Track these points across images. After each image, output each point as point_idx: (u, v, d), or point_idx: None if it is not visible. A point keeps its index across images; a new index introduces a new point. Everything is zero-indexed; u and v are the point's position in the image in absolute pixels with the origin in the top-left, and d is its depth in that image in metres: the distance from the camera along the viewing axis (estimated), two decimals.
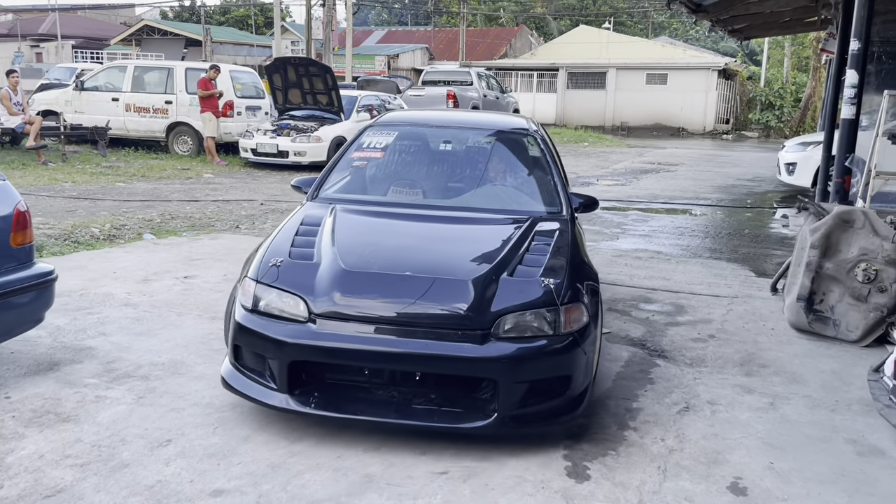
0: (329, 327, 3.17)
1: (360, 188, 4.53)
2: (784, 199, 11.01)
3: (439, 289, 3.28)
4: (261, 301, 3.30)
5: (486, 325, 3.15)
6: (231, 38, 41.26)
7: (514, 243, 3.67)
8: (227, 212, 8.78)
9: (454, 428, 3.11)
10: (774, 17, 14.48)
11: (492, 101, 18.94)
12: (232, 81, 13.93)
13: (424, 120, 5.33)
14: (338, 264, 3.37)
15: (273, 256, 3.49)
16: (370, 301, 3.26)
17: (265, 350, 3.25)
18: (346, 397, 3.24)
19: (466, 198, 4.41)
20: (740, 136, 30.07)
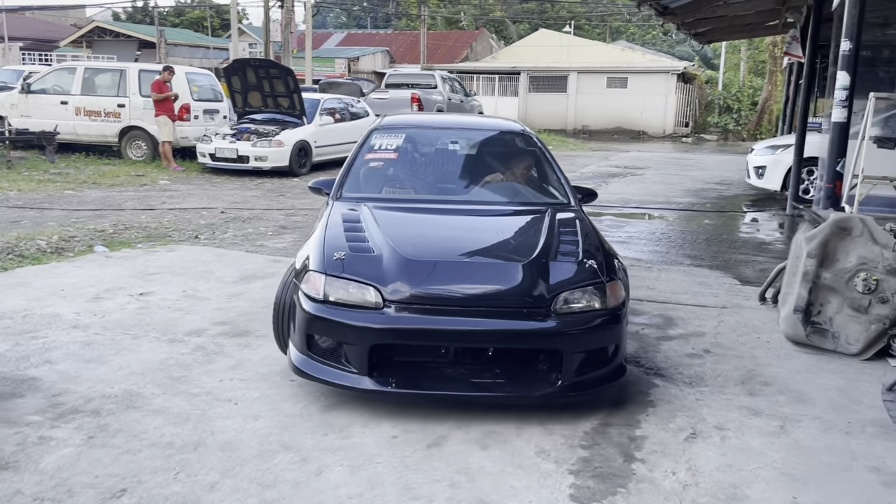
0: (405, 312, 3.43)
1: (383, 187, 4.79)
2: (754, 202, 10.94)
3: (499, 272, 3.70)
4: (332, 292, 3.50)
5: (546, 302, 3.49)
6: (186, 39, 40.28)
7: (546, 230, 4.03)
8: (185, 221, 8.31)
9: (526, 396, 3.47)
10: (738, 21, 14.51)
11: (456, 105, 18.67)
12: (188, 84, 13.39)
13: (426, 122, 5.76)
14: (400, 255, 3.63)
15: (334, 251, 3.67)
16: (438, 286, 3.54)
17: (344, 337, 3.47)
18: (421, 376, 3.54)
19: (482, 192, 4.78)
20: (699, 139, 30.33)
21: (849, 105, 4.84)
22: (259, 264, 6.36)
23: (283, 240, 7.53)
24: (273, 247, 7.18)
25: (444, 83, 18.57)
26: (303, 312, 3.55)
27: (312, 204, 9.67)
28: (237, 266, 6.28)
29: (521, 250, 3.87)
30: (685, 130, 31.67)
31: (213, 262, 6.40)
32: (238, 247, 7.15)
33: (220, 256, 6.62)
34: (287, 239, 7.56)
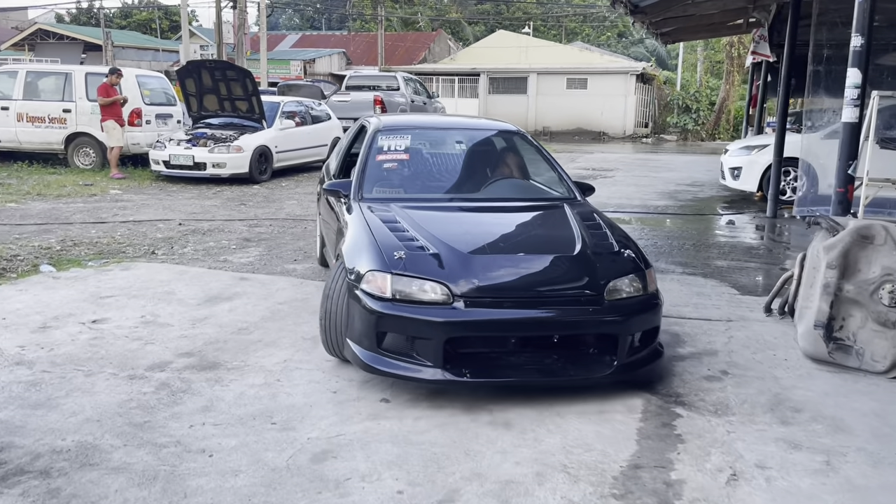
0: (475, 306, 3.59)
1: (404, 187, 4.90)
2: (731, 204, 10.75)
3: (553, 264, 3.97)
4: (400, 290, 3.61)
5: (599, 290, 3.75)
6: (134, 42, 39.02)
7: (575, 224, 4.29)
8: (139, 235, 7.71)
9: (587, 378, 3.73)
10: (704, 20, 14.39)
11: (419, 107, 18.25)
12: (139, 87, 12.69)
13: (426, 123, 5.99)
14: (458, 251, 3.83)
15: (390, 250, 3.78)
16: (501, 279, 3.75)
17: (418, 332, 3.57)
18: (489, 366, 3.68)
19: (496, 189, 5.01)
20: (659, 140, 30.45)
21: (860, 104, 4.57)
22: (224, 283, 5.84)
23: (248, 254, 7.00)
24: (238, 262, 6.65)
25: (407, 85, 18.12)
26: (369, 312, 3.62)
27: (276, 214, 9.15)
28: (200, 285, 5.75)
29: (562, 243, 4.11)
30: (645, 131, 31.78)
31: (173, 281, 5.86)
32: (200, 263, 6.60)
33: (180, 275, 6.08)
34: (252, 253, 7.03)
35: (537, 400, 3.66)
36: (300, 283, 5.86)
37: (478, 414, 3.50)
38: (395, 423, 3.39)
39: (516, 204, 4.88)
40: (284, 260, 6.79)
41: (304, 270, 6.38)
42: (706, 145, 28.44)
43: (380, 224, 4.15)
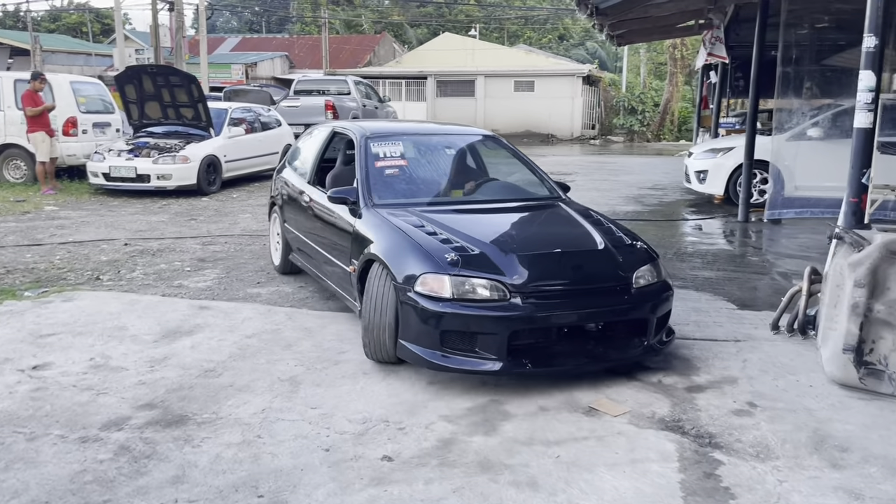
0: (531, 300, 3.84)
1: (410, 192, 5.03)
2: (698, 208, 10.57)
3: (588, 259, 4.25)
4: (460, 290, 3.81)
5: (629, 280, 4.12)
6: (64, 46, 37.31)
7: (585, 221, 4.69)
8: (81, 258, 7.02)
9: (623, 359, 4.13)
10: (661, 22, 14.29)
11: (371, 111, 17.71)
12: (74, 94, 11.86)
13: (407, 130, 5.99)
14: (501, 250, 4.07)
15: (439, 252, 3.98)
16: (549, 274, 4.04)
17: (481, 328, 3.78)
18: (543, 355, 3.94)
19: (495, 191, 5.32)
20: (607, 141, 30.55)
21: (875, 108, 4.30)
22: (182, 313, 5.25)
23: (205, 276, 6.40)
24: (195, 287, 6.05)
25: (358, 89, 17.56)
26: (429, 312, 3.80)
27: (231, 229, 8.54)
28: (155, 317, 5.15)
29: (585, 239, 4.43)
30: (592, 133, 31.86)
31: (123, 313, 5.24)
32: (152, 289, 5.99)
33: (131, 305, 5.46)
34: (209, 275, 6.43)
35: (556, 447, 3.24)
36: (267, 311, 5.32)
37: (497, 472, 3.06)
38: (404, 489, 2.91)
39: (518, 204, 5.14)
40: (246, 283, 6.22)
41: (269, 295, 5.83)
42: (652, 146, 28.67)
43: (412, 228, 4.30)
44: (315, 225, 5.45)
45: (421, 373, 4.13)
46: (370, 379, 4.07)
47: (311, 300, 5.71)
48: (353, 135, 5.38)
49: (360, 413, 3.63)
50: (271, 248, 6.73)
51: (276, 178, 6.65)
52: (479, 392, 3.90)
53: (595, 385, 3.98)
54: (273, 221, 6.64)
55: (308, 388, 3.93)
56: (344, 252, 4.79)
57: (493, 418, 3.58)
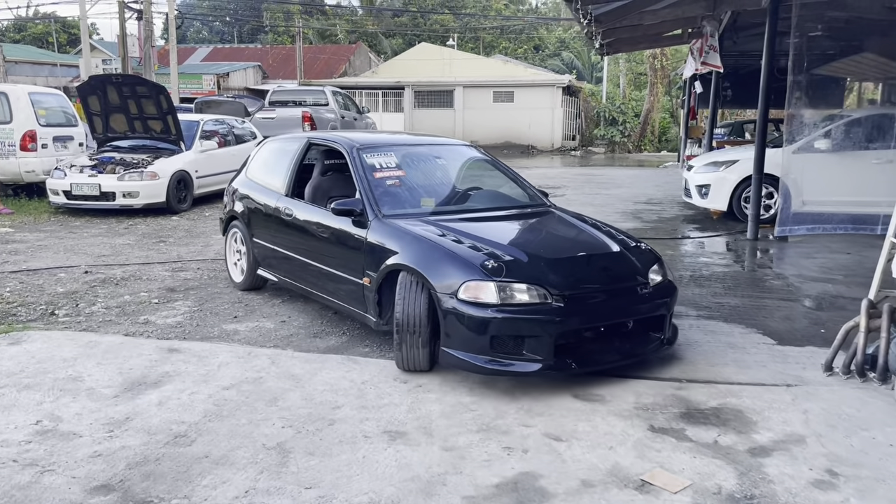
0: (572, 303, 4.00)
1: (415, 203, 5.00)
2: (701, 223, 10.05)
3: (612, 262, 4.45)
4: (506, 295, 3.91)
5: (646, 279, 4.39)
6: (28, 56, 36.24)
7: (587, 226, 4.93)
8: (35, 289, 6.27)
9: (646, 353, 4.37)
10: (651, 30, 13.87)
11: (349, 123, 17.04)
12: (32, 106, 11.03)
13: (395, 141, 5.89)
14: (534, 256, 4.24)
15: (478, 260, 4.06)
16: (584, 278, 4.25)
17: (530, 331, 3.92)
18: (581, 354, 4.12)
19: (487, 199, 5.38)
20: (588, 153, 30.18)
21: None
22: (148, 358, 4.55)
23: (175, 310, 5.69)
24: (163, 323, 5.35)
25: (336, 99, 16.89)
26: (477, 319, 3.88)
27: (204, 252, 7.82)
28: (117, 364, 4.44)
29: (599, 243, 4.63)
30: (573, 144, 31.49)
31: (80, 358, 4.52)
32: (114, 327, 5.27)
33: (89, 348, 4.74)
34: (180, 309, 5.73)
35: None
36: (247, 355, 4.63)
37: None
38: None
39: (517, 211, 5.26)
40: (221, 317, 5.52)
41: (248, 332, 5.15)
42: (634, 157, 28.35)
43: (436, 237, 4.37)
44: (303, 239, 5.34)
45: (433, 433, 3.49)
46: (373, 445, 3.41)
47: (297, 338, 5.04)
48: (342, 147, 5.32)
49: (366, 494, 2.97)
50: (229, 265, 6.46)
51: (233, 192, 6.38)
52: (505, 461, 3.26)
53: (639, 449, 3.37)
54: (230, 238, 6.40)
55: (300, 459, 3.26)
56: (351, 264, 4.76)
57: (528, 499, 2.95)
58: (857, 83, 16.93)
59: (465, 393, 4.02)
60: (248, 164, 6.45)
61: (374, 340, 4.99)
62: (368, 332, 5.14)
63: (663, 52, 28.85)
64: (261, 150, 6.44)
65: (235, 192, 6.32)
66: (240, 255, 6.25)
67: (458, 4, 52.90)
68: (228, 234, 6.42)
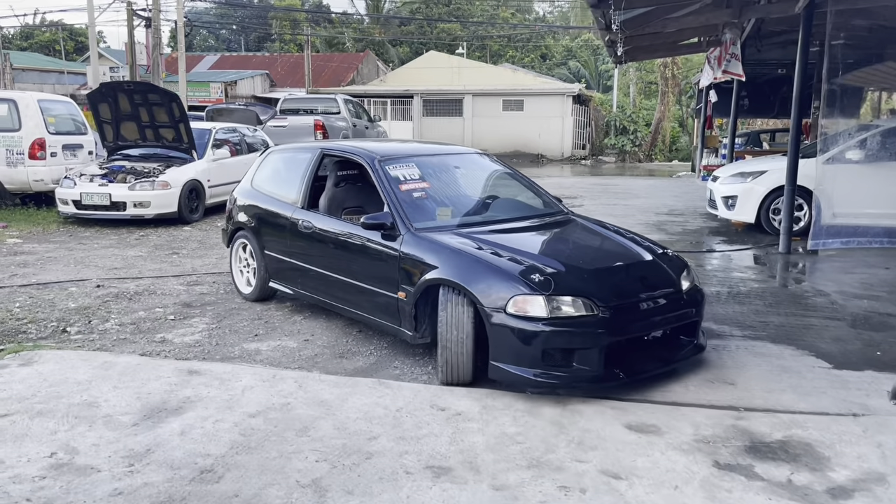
0: (617, 313, 4.03)
1: (444, 215, 4.92)
2: (726, 236, 9.76)
3: (647, 270, 4.54)
4: (556, 309, 3.92)
5: (679, 287, 4.47)
6: (36, 64, 36.23)
7: (609, 232, 4.99)
8: (45, 304, 6.01)
9: (684, 358, 4.45)
10: (671, 38, 13.64)
11: (361, 132, 16.81)
12: (42, 113, 10.82)
13: (413, 151, 5.71)
14: (575, 268, 4.30)
15: (527, 273, 4.08)
16: (626, 288, 4.26)
17: (581, 343, 3.93)
18: (626, 362, 4.12)
19: (510, 208, 5.34)
20: (598, 162, 29.94)
21: None
22: (167, 381, 4.28)
23: (192, 328, 5.43)
24: (181, 342, 5.08)
25: (347, 108, 16.66)
26: (528, 333, 3.87)
27: (219, 265, 7.56)
28: (134, 387, 4.17)
29: (632, 252, 4.65)
30: (583, 153, 31.26)
31: (95, 381, 4.26)
32: (129, 345, 5.01)
33: (104, 369, 4.47)
34: (197, 326, 5.46)
35: None
36: (272, 378, 4.36)
37: None
38: None
39: (542, 221, 5.17)
40: (242, 335, 5.26)
41: (271, 352, 4.88)
42: (645, 166, 28.09)
43: (474, 250, 4.35)
44: (326, 252, 5.27)
45: (480, 469, 3.22)
46: (416, 482, 3.13)
47: (322, 359, 4.77)
48: (363, 159, 5.25)
49: None
50: (235, 277, 6.35)
51: (238, 202, 6.28)
52: (563, 503, 2.98)
53: (708, 489, 3.09)
54: (236, 249, 6.28)
55: (338, 499, 2.99)
56: (383, 278, 4.69)
57: None
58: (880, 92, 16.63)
59: (508, 422, 3.74)
60: (253, 173, 6.32)
61: (403, 361, 4.72)
62: (397, 352, 4.88)
63: (674, 61, 28.63)
64: (267, 160, 6.31)
65: (241, 203, 6.22)
66: (247, 266, 6.17)
67: (465, 13, 52.84)
68: (234, 246, 6.30)
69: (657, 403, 3.99)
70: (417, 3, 53.01)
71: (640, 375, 4.15)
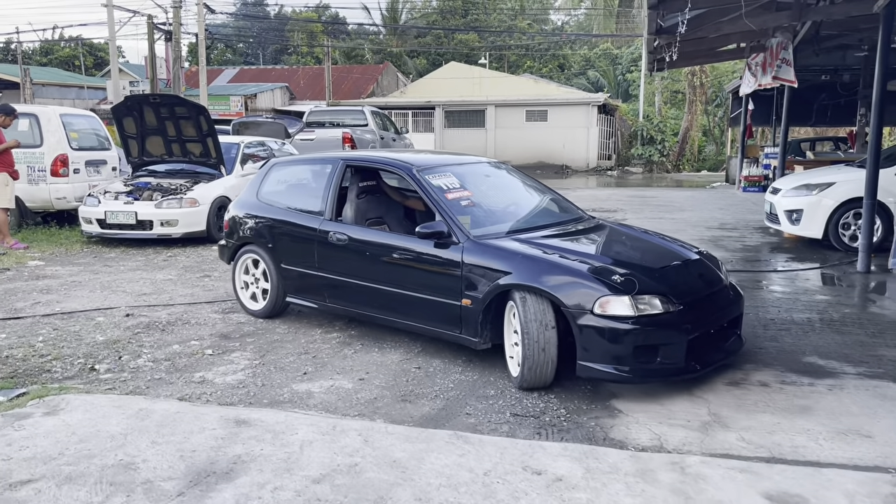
0: (691, 309, 4.23)
1: (492, 221, 5.02)
2: (791, 252, 9.11)
3: (700, 268, 4.78)
4: (641, 307, 4.07)
5: (726, 282, 4.84)
6: (56, 79, 36.13)
7: (649, 236, 5.36)
8: (71, 337, 5.48)
9: (736, 351, 4.71)
10: (716, 44, 13.06)
11: (388, 144, 16.31)
12: (64, 128, 10.38)
13: (444, 161, 5.59)
14: (645, 268, 4.49)
15: (607, 275, 4.21)
16: (689, 284, 4.52)
17: (665, 339, 4.10)
18: (697, 355, 4.26)
19: (549, 215, 5.48)
20: (625, 172, 29.30)
21: None
22: (213, 433, 3.71)
23: (234, 364, 4.88)
24: (222, 382, 4.53)
25: (375, 120, 16.17)
26: (615, 331, 4.02)
27: None
28: (176, 442, 3.61)
29: (679, 251, 4.93)
30: (609, 163, 30.61)
31: (130, 434, 3.70)
32: (165, 387, 4.46)
33: (140, 419, 3.91)
34: (240, 362, 4.91)
35: None
36: (333, 429, 3.78)
37: None
38: None
39: (583, 225, 5.30)
40: (289, 374, 4.70)
41: (324, 395, 4.32)
42: (673, 177, 27.41)
43: (543, 255, 4.43)
44: (366, 264, 5.16)
45: None
46: None
47: (384, 403, 4.20)
48: (399, 170, 5.32)
49: None
50: (240, 294, 6.16)
51: (244, 216, 6.05)
52: None
53: None
54: (241, 265, 6.09)
55: None
56: (443, 287, 4.67)
57: None
58: None
59: (622, 491, 3.14)
60: (257, 186, 6.16)
61: (475, 406, 4.14)
62: (464, 393, 4.31)
63: (702, 69, 27.97)
64: (273, 173, 6.21)
65: (247, 217, 6.04)
66: (255, 282, 6.02)
67: (482, 24, 52.46)
68: (239, 262, 6.10)
69: (792, 464, 3.38)
70: (434, 16, 52.75)
71: (710, 367, 4.34)
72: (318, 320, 5.93)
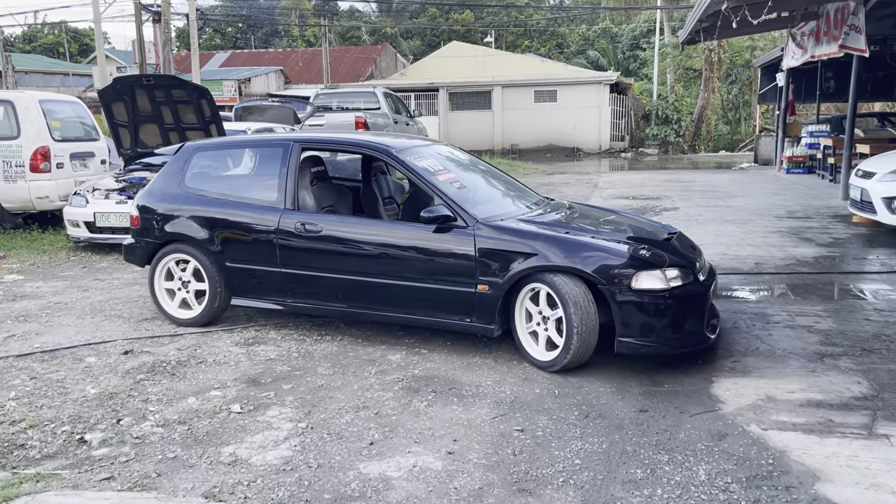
0: (702, 279, 4.41)
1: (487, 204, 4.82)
2: (881, 243, 7.88)
3: (684, 239, 4.93)
4: (674, 279, 4.14)
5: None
6: (39, 66, 34.63)
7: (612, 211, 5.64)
8: (52, 388, 4.20)
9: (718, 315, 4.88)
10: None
11: (402, 128, 14.98)
12: (44, 117, 9.01)
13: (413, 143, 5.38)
14: (652, 241, 4.54)
15: (635, 252, 4.24)
16: (691, 256, 4.58)
17: (693, 310, 4.23)
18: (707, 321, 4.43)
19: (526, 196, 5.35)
20: (640, 154, 28.06)
21: None
22: None
23: (275, 430, 3.62)
24: (263, 463, 3.27)
25: (388, 102, 14.83)
26: (653, 305, 4.08)
27: None
28: None
29: (661, 226, 5.08)
30: (622, 145, 29.31)
31: None
32: (182, 472, 3.20)
33: None
34: (280, 425, 3.65)
35: None
36: None
37: None
38: None
39: (561, 205, 5.32)
40: (350, 443, 3.45)
41: (408, 482, 3.07)
42: (691, 158, 26.20)
43: (571, 235, 4.41)
44: (351, 255, 4.76)
45: None
46: None
47: (493, 496, 2.95)
48: (377, 152, 5.01)
49: None
50: (162, 300, 5.39)
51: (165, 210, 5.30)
52: None
53: None
54: (163, 267, 5.35)
55: None
56: (453, 273, 4.45)
57: None
58: None
59: None
60: (180, 174, 5.41)
61: (627, 500, 2.90)
62: (603, 476, 3.06)
63: (721, 44, 26.65)
64: (197, 159, 5.48)
65: (170, 211, 5.30)
66: (183, 286, 5.33)
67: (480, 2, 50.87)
68: (160, 264, 5.34)
69: None
70: None
71: (714, 333, 4.43)
72: (363, 346, 4.67)
